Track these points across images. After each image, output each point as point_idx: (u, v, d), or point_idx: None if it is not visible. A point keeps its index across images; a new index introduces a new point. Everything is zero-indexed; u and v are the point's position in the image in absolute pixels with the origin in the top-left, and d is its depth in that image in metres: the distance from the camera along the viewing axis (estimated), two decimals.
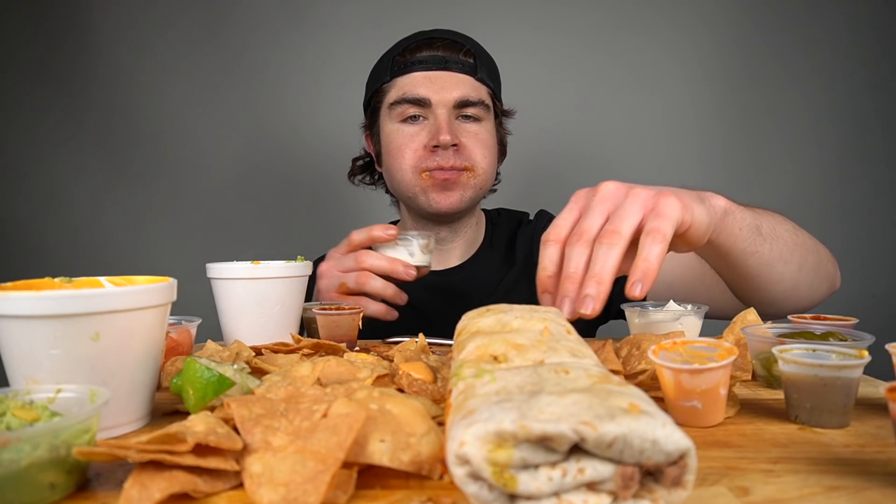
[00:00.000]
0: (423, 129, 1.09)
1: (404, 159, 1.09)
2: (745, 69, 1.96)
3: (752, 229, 0.75)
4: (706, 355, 0.52)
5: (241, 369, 0.56)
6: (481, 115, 1.11)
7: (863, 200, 1.97)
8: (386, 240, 0.91)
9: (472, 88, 1.10)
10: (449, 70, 1.09)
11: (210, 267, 0.82)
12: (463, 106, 1.09)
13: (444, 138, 1.04)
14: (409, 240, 0.93)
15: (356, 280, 0.91)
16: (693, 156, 1.97)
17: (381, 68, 1.14)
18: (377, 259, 0.91)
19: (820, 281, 0.90)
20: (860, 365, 0.50)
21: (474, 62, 1.11)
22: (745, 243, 0.75)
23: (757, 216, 0.77)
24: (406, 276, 0.90)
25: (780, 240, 0.80)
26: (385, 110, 1.13)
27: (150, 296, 0.52)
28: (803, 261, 0.85)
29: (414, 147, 1.09)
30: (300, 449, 0.38)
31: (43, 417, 0.42)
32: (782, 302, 0.87)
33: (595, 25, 1.96)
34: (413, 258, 0.92)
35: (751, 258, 0.77)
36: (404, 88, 1.09)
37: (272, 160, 2.00)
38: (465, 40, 1.13)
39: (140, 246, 1.99)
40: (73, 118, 1.97)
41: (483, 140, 1.11)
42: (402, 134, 1.10)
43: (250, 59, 1.96)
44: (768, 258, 0.78)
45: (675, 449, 0.32)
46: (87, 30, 1.96)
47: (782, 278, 0.83)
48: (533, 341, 0.46)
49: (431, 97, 1.07)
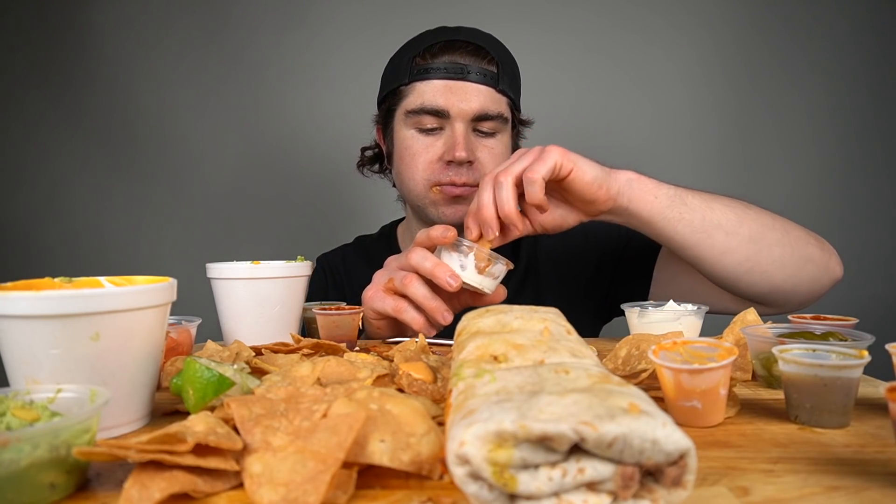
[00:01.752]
0: (438, 140, 1.06)
1: (417, 170, 1.07)
2: (745, 70, 1.96)
3: (670, 197, 0.83)
4: (706, 355, 0.52)
5: (241, 369, 0.56)
6: (498, 129, 1.08)
7: (862, 200, 1.98)
8: (443, 242, 0.82)
9: (491, 101, 1.06)
10: (469, 80, 1.05)
11: (210, 267, 0.82)
12: (481, 119, 1.06)
13: (459, 155, 1.02)
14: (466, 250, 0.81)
15: (402, 279, 0.83)
16: (692, 155, 1.97)
17: (401, 67, 1.09)
18: (424, 259, 0.81)
19: (797, 261, 0.88)
20: (860, 365, 0.50)
21: (497, 71, 1.07)
22: (665, 210, 0.83)
23: (688, 191, 0.84)
24: (447, 285, 0.79)
25: (718, 210, 0.84)
26: (401, 115, 1.09)
27: (150, 296, 0.52)
28: (757, 234, 0.85)
29: (428, 159, 1.06)
30: (300, 449, 0.38)
31: (43, 417, 0.42)
32: (743, 276, 0.86)
33: (594, 25, 1.96)
34: (464, 272, 0.80)
35: (678, 224, 0.84)
36: (423, 97, 1.05)
37: (272, 160, 2.00)
38: (490, 44, 1.09)
39: (140, 246, 1.99)
40: (73, 118, 1.97)
41: (498, 155, 1.09)
42: (416, 143, 1.07)
43: (251, 58, 1.97)
44: (700, 225, 0.84)
45: (675, 449, 0.32)
46: (87, 30, 1.96)
47: (727, 248, 0.84)
48: (533, 341, 0.46)
49: (450, 109, 1.04)
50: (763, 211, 0.89)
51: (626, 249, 1.13)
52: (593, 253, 1.17)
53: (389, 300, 0.84)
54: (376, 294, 0.86)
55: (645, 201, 0.83)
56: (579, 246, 1.18)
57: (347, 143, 1.32)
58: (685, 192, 0.84)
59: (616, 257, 1.15)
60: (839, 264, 0.93)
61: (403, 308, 0.83)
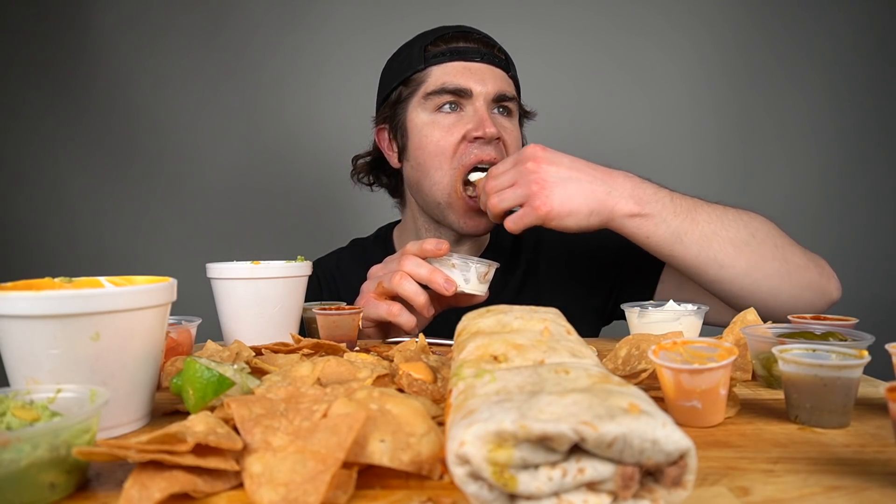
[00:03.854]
0: (460, 120, 1.05)
1: (443, 157, 1.04)
2: (745, 69, 1.96)
3: (667, 238, 0.86)
4: (706, 355, 0.52)
5: (241, 369, 0.56)
6: (514, 111, 1.11)
7: (862, 200, 1.98)
8: (436, 254, 0.86)
9: (506, 84, 1.09)
10: (486, 62, 1.07)
11: (210, 267, 0.82)
12: (500, 100, 1.07)
13: (490, 130, 1.02)
14: (469, 265, 0.87)
15: (391, 279, 0.87)
16: (692, 155, 1.97)
17: (411, 57, 1.09)
18: (418, 266, 0.86)
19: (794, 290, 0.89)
20: (860, 365, 0.50)
21: (506, 59, 1.10)
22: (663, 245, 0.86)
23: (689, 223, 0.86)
24: (444, 290, 0.85)
25: (716, 245, 0.86)
26: (418, 100, 1.07)
27: (150, 296, 0.52)
28: (754, 266, 0.87)
29: (452, 140, 1.04)
30: (300, 449, 0.38)
31: (43, 417, 0.42)
32: (738, 303, 0.88)
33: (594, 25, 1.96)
34: (468, 285, 0.86)
35: (672, 261, 0.89)
36: (444, 78, 1.05)
37: (273, 160, 2.00)
38: (493, 39, 1.12)
39: (140, 246, 1.99)
40: (72, 118, 1.97)
41: (517, 137, 1.11)
42: (437, 126, 1.05)
43: (250, 59, 1.97)
44: (693, 261, 0.87)
45: (675, 449, 0.32)
46: (87, 30, 1.96)
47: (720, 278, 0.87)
48: (533, 341, 0.46)
49: (472, 88, 1.04)
50: (770, 234, 0.89)
51: (630, 257, 1.12)
52: (595, 258, 1.17)
53: (383, 305, 0.88)
54: (368, 302, 0.90)
55: (638, 239, 0.87)
56: (581, 251, 1.17)
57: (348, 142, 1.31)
58: (684, 228, 0.86)
59: (619, 264, 1.15)
60: (838, 287, 0.94)
61: (397, 312, 0.87)
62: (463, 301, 0.91)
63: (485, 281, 0.88)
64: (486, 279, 0.89)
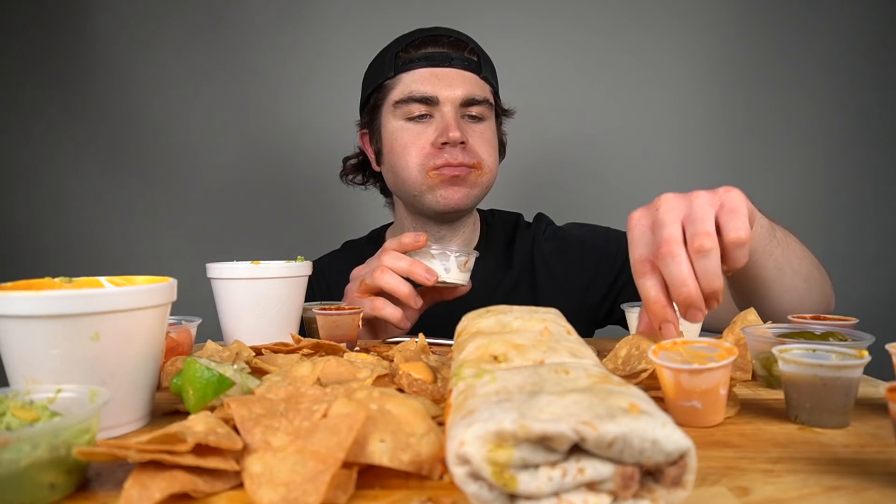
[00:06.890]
0: (428, 127, 1.07)
1: (410, 157, 1.07)
2: (751, 67, 1.95)
3: (767, 228, 0.78)
4: (706, 355, 0.52)
5: (241, 369, 0.56)
6: (485, 114, 1.11)
7: (866, 199, 1.97)
8: (415, 247, 0.88)
9: (477, 86, 1.09)
10: (454, 67, 1.07)
11: (210, 267, 0.82)
12: (469, 104, 1.07)
13: (453, 135, 1.03)
14: (447, 254, 0.88)
15: (372, 275, 0.89)
16: (698, 154, 1.96)
17: (383, 64, 1.11)
18: (398, 259, 0.88)
19: (819, 300, 0.91)
20: (860, 365, 0.50)
21: (478, 60, 1.10)
22: (762, 240, 0.77)
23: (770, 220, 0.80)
24: (425, 280, 0.87)
25: (791, 247, 0.83)
26: (388, 108, 1.10)
27: (150, 296, 0.52)
28: (810, 273, 0.87)
29: (420, 145, 1.06)
30: (300, 449, 0.38)
31: (43, 417, 0.42)
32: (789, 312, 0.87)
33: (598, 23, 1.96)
34: (448, 274, 0.88)
35: (768, 259, 0.79)
36: (410, 86, 1.07)
37: (272, 159, 2.00)
38: (468, 39, 1.13)
39: (139, 246, 1.99)
40: (70, 118, 1.97)
41: (488, 139, 1.11)
42: (407, 132, 1.08)
43: (247, 58, 1.96)
44: (781, 261, 0.81)
45: (675, 449, 0.32)
46: (84, 30, 1.96)
47: (793, 285, 0.84)
48: (533, 341, 0.46)
49: (439, 95, 1.05)
50: (814, 262, 0.90)
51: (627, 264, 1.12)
52: (590, 263, 1.16)
53: (366, 302, 0.90)
54: (353, 302, 0.92)
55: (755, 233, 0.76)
56: (576, 255, 1.17)
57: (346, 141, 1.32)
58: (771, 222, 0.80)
59: (615, 270, 1.15)
60: (834, 299, 0.97)
61: (381, 306, 0.89)
62: (447, 294, 0.93)
63: (465, 270, 0.90)
64: (467, 268, 0.90)
